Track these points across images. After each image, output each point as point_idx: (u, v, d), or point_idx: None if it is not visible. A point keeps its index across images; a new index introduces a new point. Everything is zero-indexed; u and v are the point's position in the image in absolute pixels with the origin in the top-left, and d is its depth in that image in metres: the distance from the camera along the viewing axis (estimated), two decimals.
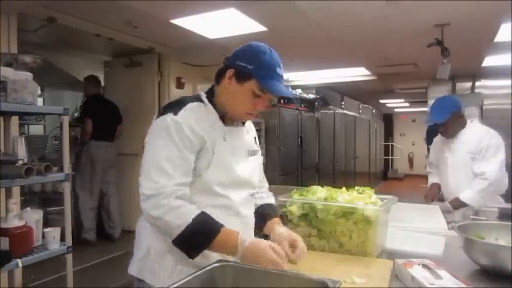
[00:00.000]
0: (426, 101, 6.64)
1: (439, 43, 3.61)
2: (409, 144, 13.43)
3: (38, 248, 2.16)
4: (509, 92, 5.62)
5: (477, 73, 5.88)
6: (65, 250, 2.24)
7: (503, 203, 2.37)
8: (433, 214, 2.03)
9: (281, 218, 1.44)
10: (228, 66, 1.25)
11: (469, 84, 6.10)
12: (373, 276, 1.18)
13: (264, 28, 3.54)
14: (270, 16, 3.30)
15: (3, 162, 2.00)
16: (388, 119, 13.79)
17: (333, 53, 4.79)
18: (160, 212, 1.11)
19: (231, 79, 1.23)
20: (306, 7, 3.09)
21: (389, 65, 5.31)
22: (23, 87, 2.00)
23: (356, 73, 6.00)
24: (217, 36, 3.84)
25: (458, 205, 2.33)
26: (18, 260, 1.97)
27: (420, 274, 1.08)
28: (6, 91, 1.93)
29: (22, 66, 2.12)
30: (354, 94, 8.67)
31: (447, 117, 2.39)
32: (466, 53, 4.48)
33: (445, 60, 3.71)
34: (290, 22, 3.45)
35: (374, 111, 11.41)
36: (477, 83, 6.04)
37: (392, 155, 13.44)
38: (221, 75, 1.27)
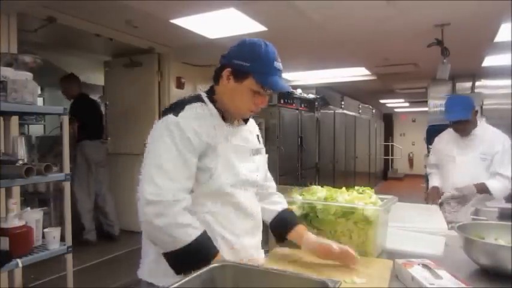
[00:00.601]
0: (426, 101, 6.64)
1: (439, 43, 3.61)
2: (409, 144, 13.43)
3: (38, 248, 2.16)
4: (509, 92, 5.62)
5: (477, 73, 5.88)
6: (65, 250, 2.24)
7: (503, 203, 2.37)
8: (433, 214, 2.03)
9: None
10: (225, 65, 1.23)
11: (469, 84, 6.09)
12: (373, 276, 1.18)
13: (264, 28, 3.54)
14: (270, 16, 3.30)
15: (3, 162, 2.00)
16: (388, 119, 13.79)
17: (333, 53, 4.79)
18: (164, 223, 1.09)
19: (229, 78, 1.22)
20: (306, 7, 3.09)
21: (389, 65, 5.31)
22: (23, 87, 2.00)
23: (356, 73, 6.00)
24: (217, 36, 3.84)
25: (483, 190, 2.35)
26: (18, 260, 1.97)
27: (420, 274, 1.08)
28: (6, 91, 1.93)
29: (22, 66, 2.12)
30: (354, 94, 8.66)
31: (471, 113, 2.43)
32: (466, 53, 4.48)
33: (445, 60, 3.71)
34: (290, 22, 3.45)
35: (374, 111, 11.41)
36: (477, 83, 6.04)
37: (392, 155, 13.44)
38: (219, 74, 1.25)
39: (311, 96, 6.56)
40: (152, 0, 2.93)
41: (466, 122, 2.46)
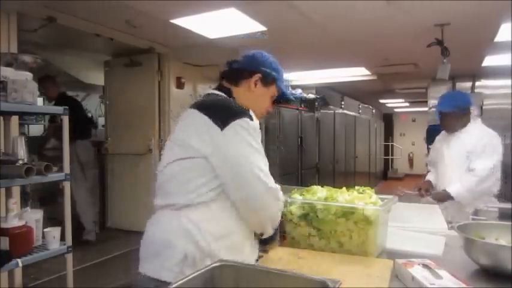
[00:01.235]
0: (426, 101, 6.64)
1: (439, 43, 3.61)
2: (409, 144, 13.43)
3: (38, 248, 2.16)
4: (509, 92, 5.62)
5: (477, 73, 5.88)
6: (65, 250, 2.24)
7: (502, 203, 2.37)
8: (433, 214, 2.03)
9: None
10: (254, 71, 1.36)
11: (469, 84, 6.10)
12: (373, 276, 1.18)
13: (264, 28, 3.54)
14: (270, 16, 3.30)
15: (3, 162, 2.00)
16: (388, 119, 13.79)
17: (333, 53, 4.79)
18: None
19: (257, 83, 1.36)
20: (306, 7, 3.09)
21: (389, 65, 5.31)
22: (23, 87, 2.00)
23: (356, 73, 6.00)
24: (217, 36, 3.84)
25: (442, 197, 2.33)
26: (18, 260, 1.97)
27: (420, 274, 1.08)
28: (6, 91, 1.93)
29: (22, 66, 2.12)
30: (354, 94, 8.67)
31: (452, 108, 2.38)
32: (466, 53, 4.48)
33: (445, 60, 3.71)
34: (290, 22, 3.45)
35: (374, 111, 11.41)
36: (477, 83, 6.04)
37: (392, 155, 13.44)
38: (241, 78, 1.36)
39: (311, 96, 6.56)
40: (152, 0, 2.93)
41: (450, 118, 2.42)
